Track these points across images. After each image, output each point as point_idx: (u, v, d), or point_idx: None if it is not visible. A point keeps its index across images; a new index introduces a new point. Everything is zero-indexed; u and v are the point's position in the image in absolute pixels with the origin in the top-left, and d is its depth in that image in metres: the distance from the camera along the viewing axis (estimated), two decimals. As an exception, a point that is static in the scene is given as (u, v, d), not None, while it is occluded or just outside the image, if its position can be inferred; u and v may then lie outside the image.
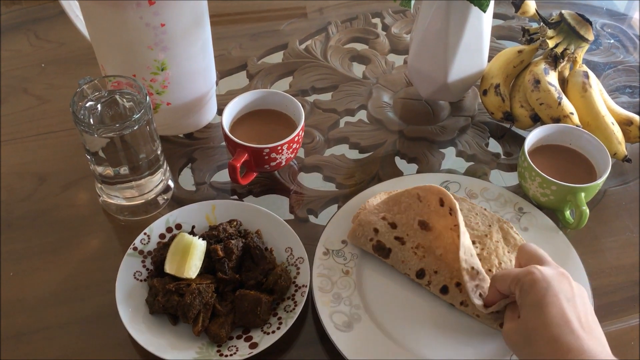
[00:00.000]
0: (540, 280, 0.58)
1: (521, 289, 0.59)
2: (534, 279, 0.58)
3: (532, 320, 0.57)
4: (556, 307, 0.56)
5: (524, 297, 0.59)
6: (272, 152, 0.77)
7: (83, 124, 0.68)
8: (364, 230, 0.73)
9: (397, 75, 1.02)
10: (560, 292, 0.57)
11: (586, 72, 0.86)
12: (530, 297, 0.58)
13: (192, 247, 0.68)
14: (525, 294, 0.58)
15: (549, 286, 0.58)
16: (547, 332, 0.55)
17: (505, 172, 0.88)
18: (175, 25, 0.74)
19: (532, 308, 0.57)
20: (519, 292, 0.59)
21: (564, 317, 0.55)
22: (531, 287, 0.58)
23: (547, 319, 0.56)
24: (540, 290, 0.57)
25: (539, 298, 0.57)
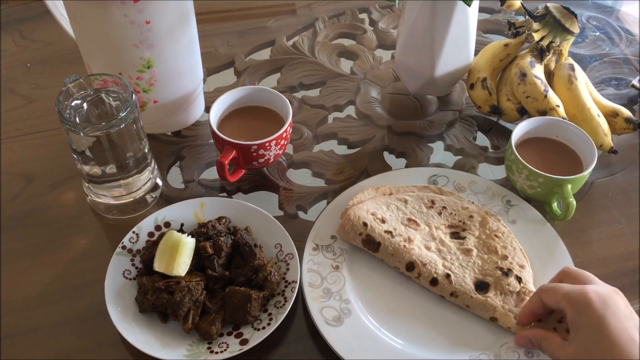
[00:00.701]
0: (596, 301, 0.55)
1: (575, 309, 0.56)
2: (590, 299, 0.56)
3: (595, 344, 0.54)
4: (619, 327, 0.54)
5: (579, 317, 0.56)
6: (260, 148, 0.77)
7: (69, 123, 0.68)
8: (353, 225, 0.73)
9: (384, 70, 1.02)
10: (619, 310, 0.55)
11: (572, 64, 0.87)
12: (588, 318, 0.55)
13: (181, 245, 0.68)
14: (581, 315, 0.56)
15: (606, 306, 0.55)
16: (615, 354, 0.52)
17: (493, 165, 0.88)
18: (161, 22, 0.73)
19: (593, 329, 0.54)
20: (572, 312, 0.57)
21: (629, 336, 0.53)
22: (588, 307, 0.55)
23: (612, 340, 0.53)
24: (598, 310, 0.55)
25: (599, 319, 0.54)
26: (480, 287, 0.69)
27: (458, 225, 0.75)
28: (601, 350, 0.54)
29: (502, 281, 0.69)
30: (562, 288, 0.59)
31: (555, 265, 0.72)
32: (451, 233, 0.74)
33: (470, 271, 0.70)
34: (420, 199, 0.77)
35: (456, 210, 0.76)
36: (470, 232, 0.74)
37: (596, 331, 0.54)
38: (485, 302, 0.67)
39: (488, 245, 0.72)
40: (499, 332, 0.67)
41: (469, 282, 0.69)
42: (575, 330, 0.56)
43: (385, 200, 0.76)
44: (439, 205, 0.76)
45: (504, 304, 0.68)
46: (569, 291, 0.58)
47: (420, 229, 0.74)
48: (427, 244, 0.72)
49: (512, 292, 0.68)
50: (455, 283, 0.69)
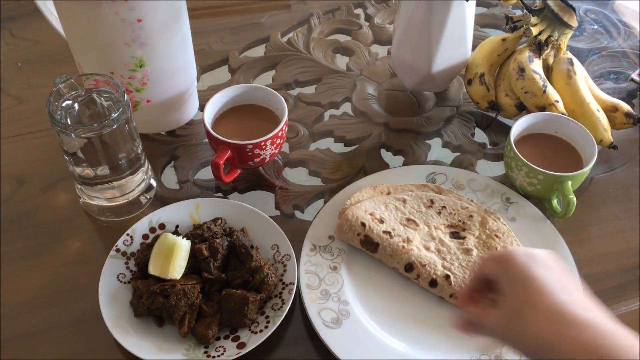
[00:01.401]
0: (521, 254, 0.51)
1: (501, 267, 0.51)
2: (514, 254, 0.51)
3: (522, 295, 0.49)
4: (546, 275, 0.49)
5: (505, 275, 0.51)
6: (256, 148, 0.76)
7: (59, 125, 0.66)
8: (351, 225, 0.72)
9: (381, 66, 1.00)
10: (546, 262, 0.51)
11: (570, 59, 0.86)
12: (515, 270, 0.50)
13: (176, 248, 0.67)
14: (506, 272, 0.51)
15: (531, 259, 0.51)
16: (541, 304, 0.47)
17: (491, 161, 0.87)
18: (153, 20, 0.72)
19: (518, 282, 0.49)
20: (501, 270, 0.52)
21: (561, 282, 0.49)
22: (512, 262, 0.51)
23: (539, 287, 0.48)
24: (522, 262, 0.50)
25: (525, 270, 0.50)
26: (481, 287, 0.68)
27: (458, 225, 0.74)
28: (526, 301, 0.48)
29: (503, 281, 0.68)
30: (492, 253, 0.55)
31: (556, 264, 0.72)
32: (451, 233, 0.73)
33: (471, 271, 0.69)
34: (419, 198, 0.76)
35: (455, 209, 0.75)
36: (470, 232, 0.73)
37: (521, 283, 0.49)
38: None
39: (488, 245, 0.71)
40: (499, 333, 0.66)
41: (469, 282, 0.68)
42: (504, 291, 0.51)
43: (384, 200, 0.75)
44: (438, 205, 0.75)
45: (504, 304, 0.67)
46: (497, 254, 0.53)
47: (420, 229, 0.73)
48: (427, 244, 0.71)
49: (512, 291, 0.67)
50: (454, 284, 0.68)
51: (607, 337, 0.44)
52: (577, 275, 0.52)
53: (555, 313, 0.47)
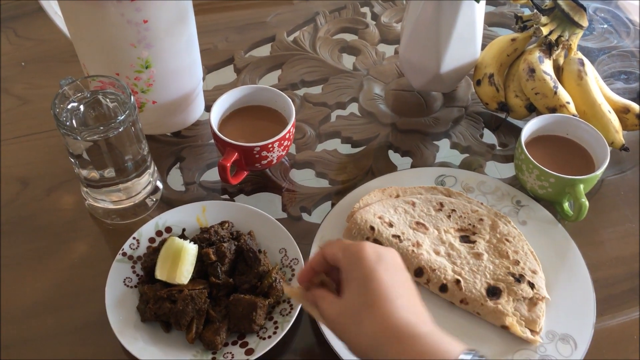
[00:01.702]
0: (371, 253, 0.52)
1: (349, 261, 0.52)
2: (365, 252, 0.52)
3: (363, 295, 0.50)
4: (388, 280, 0.51)
5: (352, 270, 0.52)
6: (263, 150, 0.75)
7: (65, 127, 0.66)
8: (360, 229, 0.71)
9: (388, 66, 0.99)
10: (392, 264, 0.52)
11: (581, 59, 0.85)
12: (360, 270, 0.51)
13: (183, 252, 0.66)
14: (353, 267, 0.52)
15: (380, 260, 0.52)
16: (378, 308, 0.49)
17: (500, 163, 0.86)
18: (159, 21, 0.71)
19: (362, 282, 0.51)
20: (346, 263, 0.53)
21: (396, 292, 0.50)
22: (361, 259, 0.52)
23: (378, 293, 0.50)
24: (371, 262, 0.51)
25: (370, 271, 0.51)
26: (492, 293, 0.67)
27: (468, 228, 0.73)
28: (366, 302, 0.50)
29: (514, 287, 0.67)
30: (344, 241, 0.55)
31: (568, 268, 0.71)
32: (461, 237, 0.72)
33: (482, 276, 0.68)
34: (429, 201, 0.75)
35: (465, 213, 0.74)
36: (480, 236, 0.72)
37: (364, 283, 0.51)
38: (496, 310, 0.65)
39: (499, 249, 0.70)
40: (511, 339, 0.66)
41: (480, 288, 0.67)
42: (347, 284, 0.52)
43: (393, 203, 0.74)
44: (448, 208, 0.74)
45: (515, 310, 0.66)
46: (348, 244, 0.54)
47: (429, 233, 0.72)
48: (436, 249, 0.70)
49: (524, 298, 0.66)
50: (465, 289, 0.67)
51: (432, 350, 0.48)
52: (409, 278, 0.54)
53: (389, 321, 0.49)
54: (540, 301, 0.67)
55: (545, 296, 0.67)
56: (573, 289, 0.69)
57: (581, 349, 0.64)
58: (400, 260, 0.55)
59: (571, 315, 0.67)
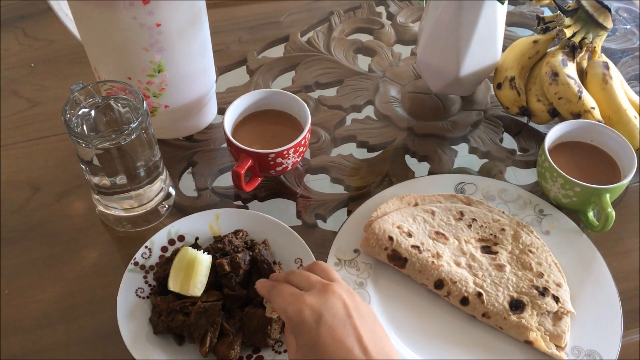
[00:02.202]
0: (309, 319, 0.52)
1: (292, 326, 0.54)
2: (303, 318, 0.53)
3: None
4: (333, 341, 0.51)
5: (296, 335, 0.53)
6: (278, 157, 0.73)
7: (76, 134, 0.64)
8: (378, 239, 0.69)
9: (404, 67, 0.97)
10: (335, 317, 0.52)
11: (606, 62, 0.82)
12: (304, 338, 0.52)
13: (196, 263, 0.64)
14: (297, 332, 0.53)
15: (320, 318, 0.52)
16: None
17: (521, 169, 0.84)
18: (172, 24, 0.69)
19: (309, 350, 0.52)
20: (290, 328, 0.54)
21: (344, 347, 0.51)
22: (302, 326, 0.53)
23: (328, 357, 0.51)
24: (312, 329, 0.52)
25: (313, 338, 0.52)
26: (515, 307, 0.65)
27: (489, 239, 0.71)
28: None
29: (539, 301, 0.64)
30: (283, 299, 0.55)
31: (593, 280, 0.69)
32: (482, 247, 0.70)
33: (504, 289, 0.66)
34: (448, 210, 0.73)
35: (487, 222, 0.72)
36: (502, 247, 0.70)
37: (311, 352, 0.52)
38: (519, 324, 0.63)
39: (522, 261, 0.68)
40: (534, 355, 0.64)
41: (503, 302, 0.65)
42: (297, 347, 0.53)
43: (412, 212, 0.72)
44: (469, 217, 0.72)
45: (540, 325, 0.64)
46: (287, 308, 0.54)
47: (449, 243, 0.70)
48: (457, 260, 0.68)
49: (549, 312, 0.64)
50: (487, 303, 0.65)
51: None
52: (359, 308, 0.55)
53: None
54: (565, 315, 0.65)
55: (571, 310, 0.65)
56: (599, 302, 0.67)
57: (608, 366, 0.62)
58: (345, 304, 0.53)
59: (597, 330, 0.65)
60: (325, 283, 0.56)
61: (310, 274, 0.58)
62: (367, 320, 0.53)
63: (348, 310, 0.53)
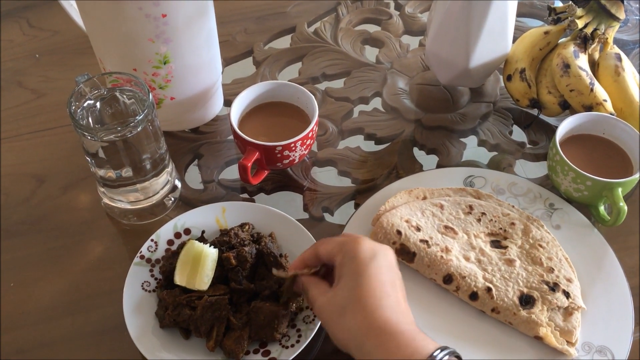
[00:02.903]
0: (366, 249, 0.54)
1: (344, 255, 0.54)
2: (360, 247, 0.54)
3: (352, 290, 0.52)
4: (378, 279, 0.52)
5: (345, 264, 0.54)
6: (285, 149, 0.72)
7: (81, 127, 0.63)
8: (386, 233, 0.68)
9: (412, 59, 0.96)
10: (386, 261, 0.54)
11: (618, 54, 0.81)
12: (353, 265, 0.53)
13: (203, 257, 0.64)
14: (347, 262, 0.54)
15: (374, 256, 0.54)
16: (364, 304, 0.51)
17: (531, 162, 0.83)
18: (178, 15, 0.68)
19: (353, 277, 0.53)
20: (341, 259, 0.55)
21: (384, 290, 0.52)
22: (356, 255, 0.54)
23: (366, 289, 0.52)
24: (365, 259, 0.53)
25: (362, 267, 0.53)
26: (525, 302, 0.64)
27: (499, 233, 0.70)
28: (353, 297, 0.52)
29: (549, 296, 0.64)
30: (339, 238, 0.57)
31: (604, 275, 0.68)
32: (491, 242, 0.69)
33: (514, 284, 0.65)
34: (457, 203, 0.72)
35: (496, 216, 0.71)
36: (512, 241, 0.69)
37: (355, 278, 0.53)
38: (529, 319, 0.62)
39: (532, 255, 0.67)
40: (544, 351, 0.63)
41: (512, 297, 0.64)
42: (339, 277, 0.54)
43: (420, 206, 0.71)
44: (478, 211, 0.71)
45: (550, 320, 0.63)
46: (344, 240, 0.56)
47: (458, 238, 0.69)
48: (466, 254, 0.68)
49: (559, 307, 0.63)
50: (497, 298, 0.64)
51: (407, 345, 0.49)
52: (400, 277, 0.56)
53: (371, 317, 0.51)
54: (576, 311, 0.64)
55: (582, 306, 0.64)
56: (610, 298, 0.66)
57: (619, 362, 0.62)
58: (394, 259, 0.56)
59: (608, 326, 0.64)
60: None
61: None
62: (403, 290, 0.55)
63: (395, 266, 0.55)
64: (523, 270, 0.66)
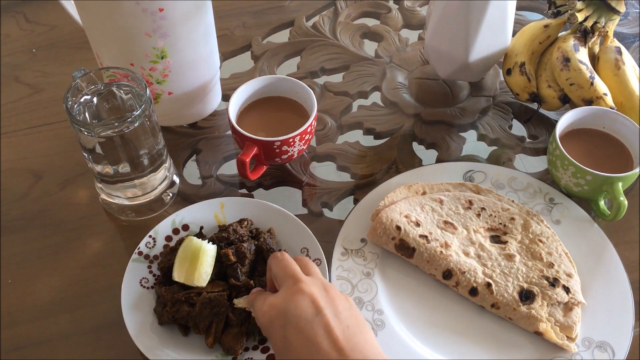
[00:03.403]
0: (274, 319, 0.52)
1: (263, 328, 0.55)
2: (269, 320, 0.53)
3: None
4: (302, 341, 0.50)
5: (269, 339, 0.54)
6: (284, 144, 0.72)
7: (78, 122, 0.63)
8: (386, 229, 0.68)
9: (411, 52, 0.95)
10: (300, 317, 0.51)
11: (618, 47, 0.80)
12: (275, 339, 0.53)
13: (201, 253, 0.63)
14: (269, 336, 0.54)
15: (286, 321, 0.51)
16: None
17: (531, 156, 0.82)
18: (175, 9, 0.67)
19: (281, 352, 0.52)
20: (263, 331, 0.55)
21: (313, 346, 0.49)
22: (270, 328, 0.53)
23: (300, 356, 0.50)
24: (279, 330, 0.52)
25: (282, 340, 0.51)
26: (525, 297, 0.63)
27: (498, 228, 0.70)
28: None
29: (549, 291, 0.63)
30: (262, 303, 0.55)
31: (605, 270, 0.68)
32: (491, 237, 0.69)
33: (514, 279, 0.65)
34: (457, 199, 0.71)
35: (496, 211, 0.71)
36: (512, 236, 0.69)
37: (283, 353, 0.52)
38: (529, 315, 0.62)
39: (532, 250, 0.67)
40: (544, 346, 0.63)
41: (512, 292, 0.64)
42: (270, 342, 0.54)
43: (419, 201, 0.70)
44: (477, 206, 0.71)
45: (550, 316, 0.63)
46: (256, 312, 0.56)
47: (458, 233, 0.69)
48: (466, 249, 0.67)
49: (559, 302, 0.63)
50: (496, 293, 0.64)
51: None
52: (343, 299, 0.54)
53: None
54: (576, 306, 0.64)
55: (582, 301, 0.64)
56: (610, 293, 0.66)
57: (619, 357, 0.61)
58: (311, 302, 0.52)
59: (608, 321, 0.64)
60: (297, 279, 0.54)
61: (289, 263, 0.57)
62: (342, 315, 0.52)
63: (318, 307, 0.52)
64: (523, 266, 0.66)
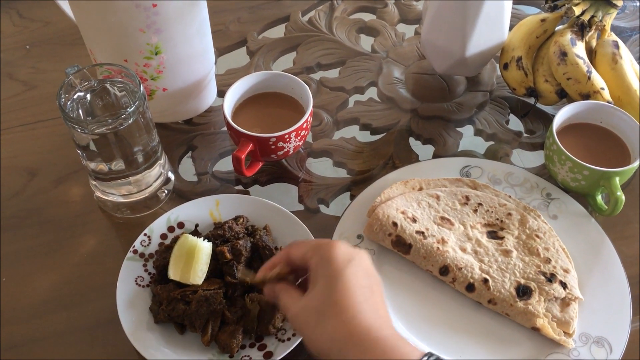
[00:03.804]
0: (342, 254, 0.52)
1: (319, 258, 0.52)
2: (336, 251, 0.52)
3: (328, 295, 0.50)
4: (353, 285, 0.50)
5: (320, 268, 0.52)
6: (280, 140, 0.71)
7: (71, 119, 0.62)
8: (382, 225, 0.67)
9: (408, 47, 0.94)
10: (362, 266, 0.52)
11: (616, 41, 0.80)
12: (328, 269, 0.51)
13: (197, 251, 0.63)
14: (322, 265, 0.52)
15: (349, 261, 0.51)
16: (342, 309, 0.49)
17: (528, 151, 0.82)
18: (169, 5, 0.67)
19: (328, 282, 0.50)
20: (315, 262, 0.52)
21: (360, 295, 0.50)
22: (331, 259, 0.51)
23: (340, 296, 0.49)
24: (340, 263, 0.51)
25: (338, 272, 0.50)
26: (522, 293, 0.63)
27: (495, 223, 0.69)
28: (331, 302, 0.50)
29: (546, 287, 0.63)
30: (313, 241, 0.56)
31: (602, 265, 0.68)
32: (488, 232, 0.69)
33: (511, 274, 0.65)
34: (454, 194, 0.71)
35: (493, 207, 0.70)
36: (509, 232, 0.68)
37: (331, 283, 0.50)
38: (526, 310, 0.62)
39: (529, 246, 0.67)
40: (541, 342, 0.62)
41: (509, 288, 0.64)
42: (313, 282, 0.52)
43: (416, 197, 0.70)
44: (474, 202, 0.71)
45: (547, 311, 0.62)
46: (319, 243, 0.54)
47: (455, 229, 0.68)
48: (463, 245, 0.67)
49: (557, 298, 0.63)
50: (493, 289, 0.63)
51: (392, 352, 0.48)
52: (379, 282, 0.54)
53: (351, 323, 0.49)
54: (573, 302, 0.63)
55: (579, 296, 0.64)
56: (607, 288, 0.66)
57: (617, 352, 0.61)
58: (370, 264, 0.53)
59: (606, 316, 0.64)
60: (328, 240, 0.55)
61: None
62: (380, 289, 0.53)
63: (372, 270, 0.53)
64: (520, 261, 0.66)
